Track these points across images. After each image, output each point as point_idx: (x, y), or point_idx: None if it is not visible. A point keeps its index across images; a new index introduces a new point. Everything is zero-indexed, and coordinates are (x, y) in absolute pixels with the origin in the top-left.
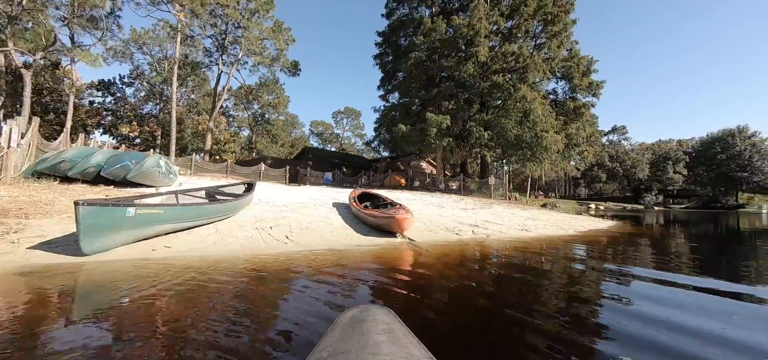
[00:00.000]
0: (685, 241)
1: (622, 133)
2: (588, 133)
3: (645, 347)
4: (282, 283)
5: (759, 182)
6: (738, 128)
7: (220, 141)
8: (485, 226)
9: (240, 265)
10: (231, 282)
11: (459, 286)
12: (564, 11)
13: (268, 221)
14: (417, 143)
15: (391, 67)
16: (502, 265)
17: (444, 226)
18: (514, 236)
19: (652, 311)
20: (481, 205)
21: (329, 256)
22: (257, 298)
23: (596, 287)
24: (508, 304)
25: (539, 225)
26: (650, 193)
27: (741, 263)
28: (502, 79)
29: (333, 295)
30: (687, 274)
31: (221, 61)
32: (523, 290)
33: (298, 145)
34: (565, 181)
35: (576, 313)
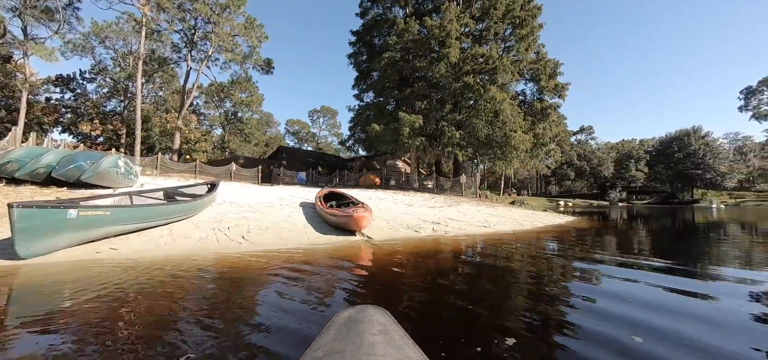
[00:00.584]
0: (630, 235)
1: (589, 133)
2: (554, 133)
3: (552, 326)
4: (220, 282)
5: (711, 179)
6: (693, 129)
7: (190, 140)
8: (447, 224)
9: (186, 266)
10: (170, 283)
11: (400, 278)
12: (531, 15)
13: (227, 221)
14: (391, 142)
15: (366, 67)
16: (447, 259)
17: (406, 224)
18: (472, 232)
19: (567, 295)
20: (451, 203)
21: (281, 255)
22: (196, 298)
23: (525, 276)
24: (441, 293)
25: (500, 221)
26: (615, 189)
27: (668, 251)
28: (473, 80)
29: (267, 293)
30: (610, 265)
31: (190, 58)
32: (461, 281)
33: (273, 144)
34: (537, 179)
35: (501, 296)
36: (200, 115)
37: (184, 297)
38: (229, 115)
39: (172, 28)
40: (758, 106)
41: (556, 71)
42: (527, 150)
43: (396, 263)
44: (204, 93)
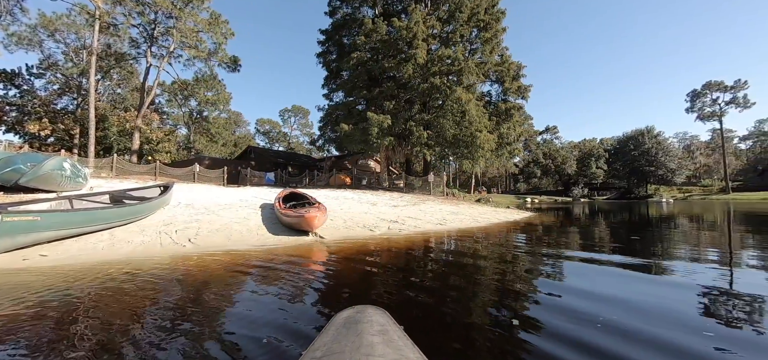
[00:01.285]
0: (573, 230)
1: (554, 132)
2: (517, 133)
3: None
4: (148, 285)
5: (662, 175)
6: (647, 128)
7: (152, 140)
8: (405, 222)
9: (113, 271)
10: (95, 288)
11: (334, 275)
12: (495, 19)
13: (177, 224)
14: (360, 142)
15: (336, 66)
16: (390, 255)
17: (363, 223)
18: (426, 230)
19: (488, 285)
20: (416, 201)
21: (223, 257)
22: (121, 304)
23: (454, 269)
24: (370, 287)
25: (458, 219)
26: (577, 186)
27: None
28: (440, 81)
29: (197, 294)
30: (541, 256)
31: (150, 53)
32: (393, 276)
33: (242, 144)
34: (506, 178)
35: (428, 289)
36: (163, 114)
37: (95, 308)
38: (194, 114)
39: (129, 22)
40: (702, 108)
41: (519, 73)
42: (492, 149)
43: (335, 261)
44: (167, 91)
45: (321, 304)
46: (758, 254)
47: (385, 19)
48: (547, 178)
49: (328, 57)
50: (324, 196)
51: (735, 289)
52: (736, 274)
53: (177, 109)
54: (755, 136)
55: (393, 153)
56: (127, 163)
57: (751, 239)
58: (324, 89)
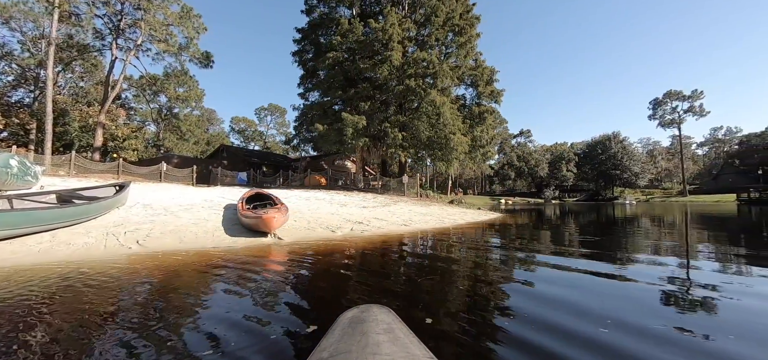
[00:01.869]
0: (532, 230)
1: (527, 136)
2: (490, 136)
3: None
4: (68, 291)
5: (627, 178)
6: (613, 134)
7: (117, 137)
8: (369, 223)
9: (41, 276)
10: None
11: (281, 275)
12: (469, 24)
13: (129, 226)
14: (335, 143)
15: (312, 65)
16: (344, 256)
17: (326, 225)
18: (389, 231)
19: (424, 285)
20: (387, 202)
21: (167, 259)
22: (37, 308)
23: (402, 269)
24: (318, 290)
25: (424, 219)
26: (549, 188)
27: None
28: (415, 83)
29: (127, 298)
30: (494, 256)
31: (115, 46)
32: (343, 278)
33: (215, 142)
34: (482, 179)
35: (375, 289)
36: (130, 110)
37: (23, 309)
38: (163, 111)
39: (92, 12)
40: (663, 116)
41: (492, 78)
42: (466, 151)
43: (287, 262)
44: (134, 86)
45: (254, 306)
46: (705, 250)
47: (362, 19)
48: (521, 180)
49: (304, 56)
50: (295, 197)
51: (682, 278)
52: (682, 265)
53: (145, 105)
54: (710, 143)
55: (368, 154)
56: (88, 160)
57: (696, 235)
58: (300, 88)
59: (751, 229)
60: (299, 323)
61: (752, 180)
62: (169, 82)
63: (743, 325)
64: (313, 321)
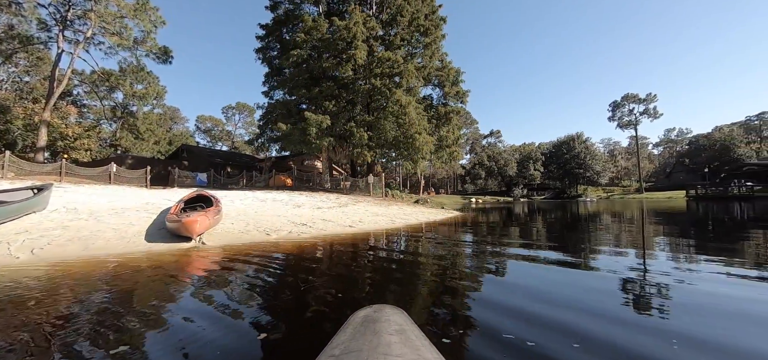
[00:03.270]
0: (481, 229)
1: (497, 136)
2: (455, 136)
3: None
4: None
5: (590, 177)
6: (576, 134)
7: (67, 136)
8: (314, 224)
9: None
10: None
11: (181, 284)
12: (434, 25)
13: (34, 232)
14: (299, 142)
15: (277, 63)
16: (265, 260)
17: (265, 227)
18: (330, 233)
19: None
20: (347, 203)
21: (61, 268)
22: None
23: (322, 276)
24: (211, 298)
25: (375, 220)
26: (518, 187)
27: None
28: (381, 82)
29: None
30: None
31: (62, 38)
32: (250, 284)
33: (178, 142)
34: (454, 179)
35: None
36: (82, 107)
37: None
38: (119, 109)
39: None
40: (621, 117)
41: (458, 79)
42: (432, 151)
43: (196, 268)
44: (86, 81)
45: (124, 318)
46: (658, 242)
47: (328, 17)
48: (492, 179)
49: (268, 53)
50: (250, 199)
51: (638, 267)
52: (638, 255)
53: (99, 102)
54: (664, 143)
55: (334, 154)
56: (27, 161)
57: (650, 229)
58: (265, 86)
59: (697, 222)
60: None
61: (700, 178)
62: (125, 77)
63: (691, 305)
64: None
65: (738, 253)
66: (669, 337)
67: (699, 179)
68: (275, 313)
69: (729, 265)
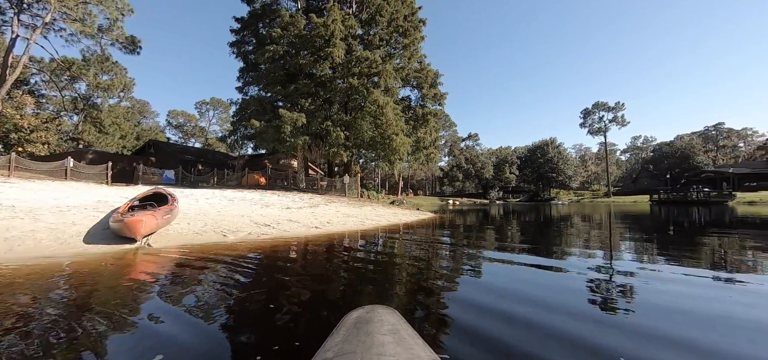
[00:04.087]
0: (442, 230)
1: (475, 139)
2: (433, 138)
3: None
4: None
5: (562, 180)
6: (550, 139)
7: (22, 128)
8: (278, 225)
9: None
10: None
11: (93, 293)
12: (413, 27)
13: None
14: (273, 141)
15: (253, 58)
16: (203, 262)
17: (224, 228)
18: (293, 234)
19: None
20: (319, 203)
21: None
22: None
23: (265, 283)
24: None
25: (344, 221)
26: (494, 189)
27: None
28: (358, 82)
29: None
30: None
31: (17, 22)
32: (175, 292)
33: (147, 137)
34: (432, 181)
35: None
36: (40, 97)
37: None
38: (81, 100)
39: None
40: (592, 124)
41: (436, 81)
42: (409, 152)
43: (115, 277)
44: (45, 69)
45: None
46: (624, 243)
47: (306, 14)
48: (469, 181)
49: (243, 47)
50: (217, 197)
51: (606, 266)
52: (606, 256)
53: (59, 92)
54: (631, 150)
55: (310, 153)
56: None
57: (617, 231)
58: (239, 82)
59: (659, 225)
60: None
61: (663, 183)
62: (88, 67)
63: (652, 302)
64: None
65: (694, 256)
66: (631, 333)
67: (662, 184)
68: (190, 331)
69: (686, 266)
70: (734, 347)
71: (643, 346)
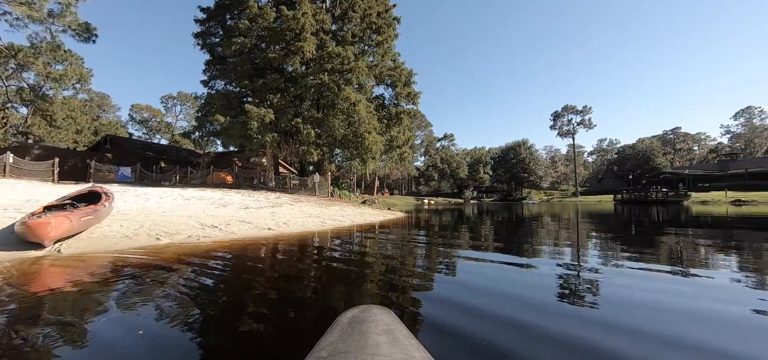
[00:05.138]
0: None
1: (451, 140)
2: (406, 137)
3: None
4: None
5: (533, 181)
6: (522, 141)
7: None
8: (227, 227)
9: None
10: None
11: None
12: (387, 24)
13: None
14: (239, 137)
15: (220, 51)
16: (109, 270)
17: (162, 230)
18: (242, 237)
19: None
20: (283, 203)
21: None
22: None
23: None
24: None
25: (305, 221)
26: (468, 189)
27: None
28: (329, 78)
29: None
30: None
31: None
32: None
33: (106, 132)
34: (408, 180)
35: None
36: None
37: None
38: (28, 91)
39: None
40: (561, 127)
41: (410, 80)
42: (381, 151)
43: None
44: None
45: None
46: (589, 241)
47: (277, 6)
48: (444, 181)
49: (209, 39)
50: (174, 196)
51: (573, 264)
52: (573, 254)
53: (2, 81)
54: (597, 152)
55: (280, 151)
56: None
57: (583, 230)
58: (205, 75)
59: (622, 224)
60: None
61: (626, 183)
62: (37, 55)
63: (615, 297)
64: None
65: (653, 253)
66: (597, 326)
67: (625, 185)
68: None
69: (646, 262)
70: (687, 336)
71: (608, 339)
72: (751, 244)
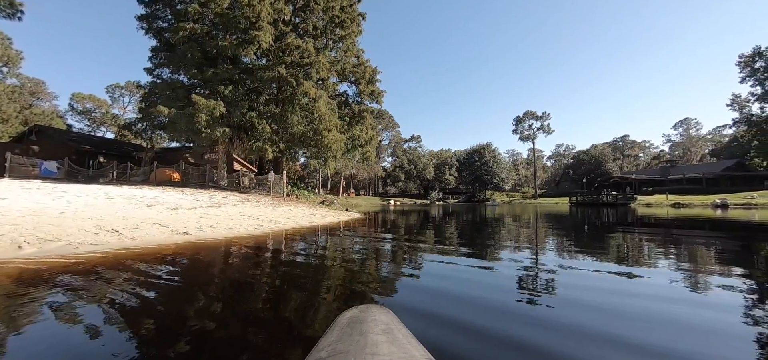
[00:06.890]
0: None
1: (418, 141)
2: (369, 136)
3: None
4: None
5: (496, 183)
6: (486, 144)
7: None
8: (130, 231)
9: None
10: None
11: None
12: (351, 19)
13: None
14: (186, 131)
15: (168, 36)
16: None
17: (28, 236)
18: (150, 242)
19: None
20: (226, 203)
21: None
22: None
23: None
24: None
25: (242, 224)
26: (434, 190)
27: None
28: (288, 72)
29: None
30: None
31: None
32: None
33: (39, 121)
34: (375, 181)
35: None
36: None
37: None
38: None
39: None
40: (522, 132)
41: (374, 78)
42: (342, 149)
43: None
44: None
45: None
46: (547, 241)
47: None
48: (411, 182)
49: (155, 22)
50: (96, 195)
51: (530, 265)
52: (532, 253)
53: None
54: (555, 156)
55: (232, 146)
56: None
57: (542, 230)
58: (150, 62)
59: (576, 225)
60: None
61: (580, 187)
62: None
63: (571, 297)
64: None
65: (603, 252)
66: (555, 327)
67: (580, 188)
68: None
69: (597, 261)
70: (632, 334)
71: (565, 340)
72: (687, 243)
